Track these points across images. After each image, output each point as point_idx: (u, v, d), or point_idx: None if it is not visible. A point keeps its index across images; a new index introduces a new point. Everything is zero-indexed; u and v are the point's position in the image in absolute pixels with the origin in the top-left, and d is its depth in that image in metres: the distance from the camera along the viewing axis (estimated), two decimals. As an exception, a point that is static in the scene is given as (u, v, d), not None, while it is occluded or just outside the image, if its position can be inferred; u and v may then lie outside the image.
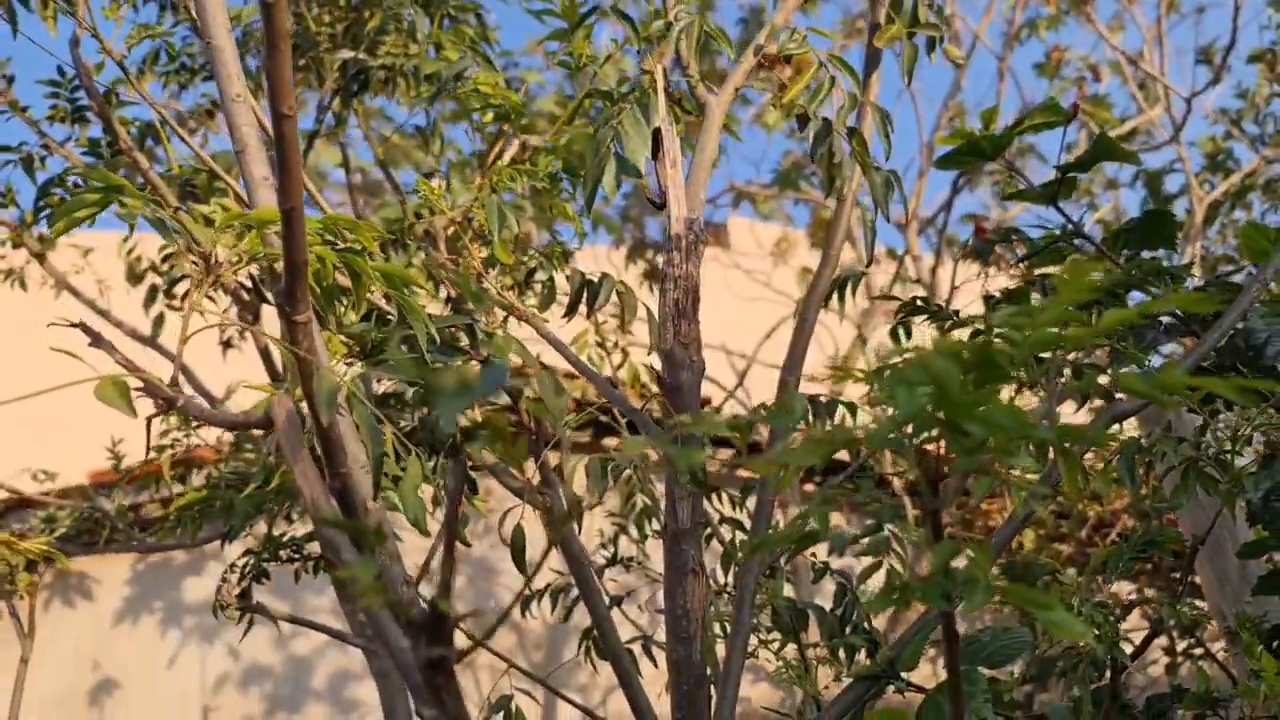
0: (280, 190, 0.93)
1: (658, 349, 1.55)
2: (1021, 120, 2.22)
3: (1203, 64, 7.19)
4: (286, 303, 1.00)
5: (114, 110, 2.21)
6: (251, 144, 1.47)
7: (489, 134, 2.03)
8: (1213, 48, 7.15)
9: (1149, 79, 6.63)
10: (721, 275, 8.37)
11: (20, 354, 10.31)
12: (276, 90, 0.87)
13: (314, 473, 0.92)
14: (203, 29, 1.48)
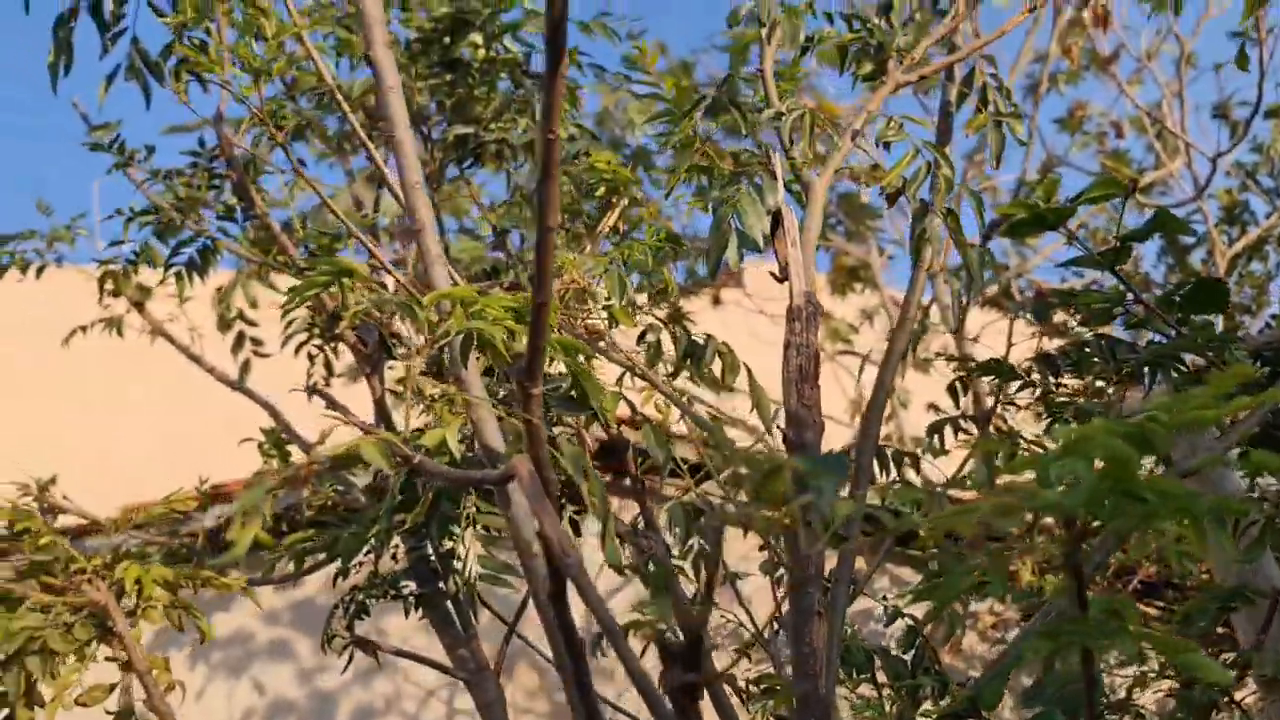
0: (535, 286, 1.10)
1: (784, 410, 1.72)
2: (1082, 193, 2.41)
3: (1219, 119, 7.43)
4: (525, 377, 1.17)
5: (251, 179, 2.40)
6: (428, 223, 1.65)
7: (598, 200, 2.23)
8: (1229, 103, 7.38)
9: (1168, 133, 6.84)
10: (743, 319, 8.55)
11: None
12: (546, 210, 1.05)
13: (560, 526, 1.09)
14: (385, 124, 1.66)
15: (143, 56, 2.58)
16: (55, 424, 10.69)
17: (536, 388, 1.19)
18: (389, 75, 1.67)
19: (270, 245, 2.54)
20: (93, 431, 10.71)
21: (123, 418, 10.82)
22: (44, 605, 1.30)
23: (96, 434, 10.69)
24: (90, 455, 10.62)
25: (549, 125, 1.01)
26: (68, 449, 10.67)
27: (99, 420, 10.78)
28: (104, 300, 3.35)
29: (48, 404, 10.71)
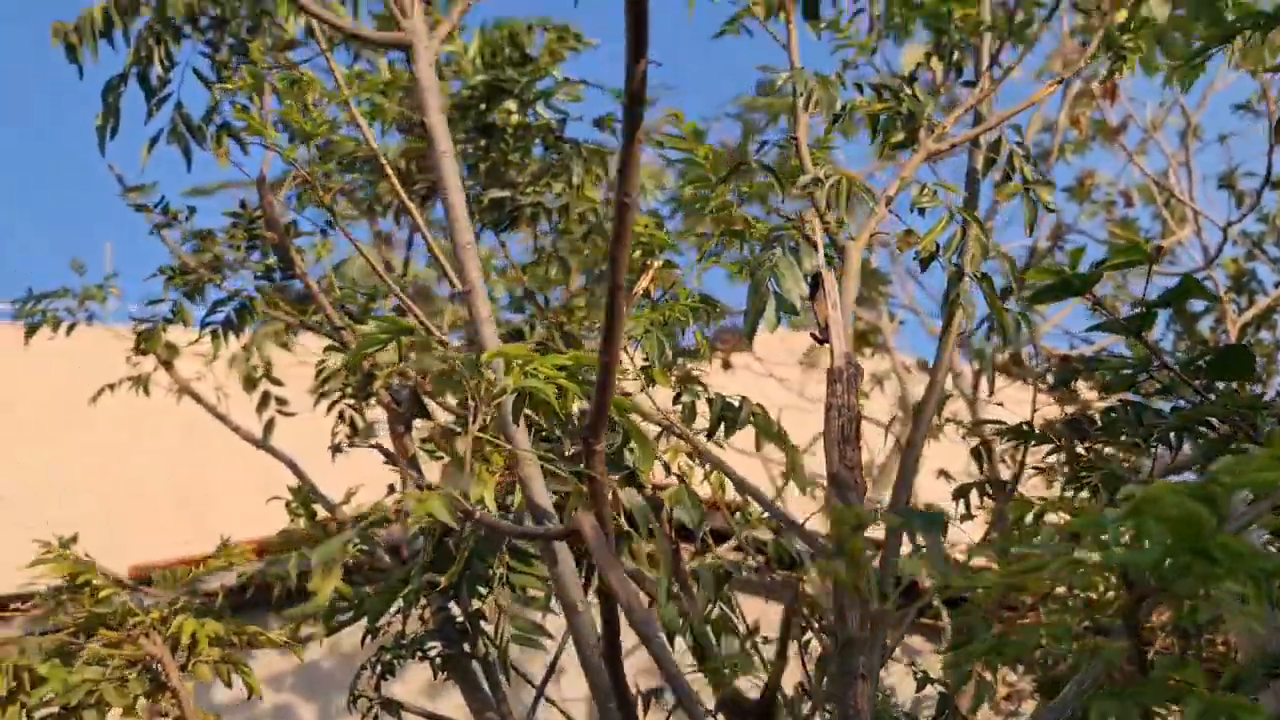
0: (604, 346, 1.13)
1: (826, 472, 1.74)
2: (1105, 259, 2.45)
3: (1225, 189, 7.51)
4: (590, 435, 1.19)
5: (291, 240, 2.45)
6: (478, 286, 1.69)
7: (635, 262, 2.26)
8: (1235, 174, 7.48)
9: (1177, 202, 6.92)
10: (753, 383, 8.56)
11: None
12: (617, 271, 1.08)
13: (629, 581, 1.10)
14: (440, 189, 1.70)
15: (185, 121, 2.65)
16: (64, 476, 10.66)
17: (600, 444, 1.20)
18: (442, 141, 1.72)
19: (307, 305, 2.57)
20: (100, 485, 10.68)
21: (130, 472, 10.79)
22: (100, 659, 1.31)
23: (104, 487, 10.66)
24: (96, 509, 10.57)
25: (625, 190, 1.04)
26: (77, 503, 10.63)
27: (106, 473, 10.75)
28: (132, 358, 3.38)
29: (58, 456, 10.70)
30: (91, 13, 2.48)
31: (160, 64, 2.53)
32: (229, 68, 2.66)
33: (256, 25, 2.58)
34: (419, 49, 1.71)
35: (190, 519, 10.41)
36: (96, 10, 2.48)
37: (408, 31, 1.70)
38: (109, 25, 2.48)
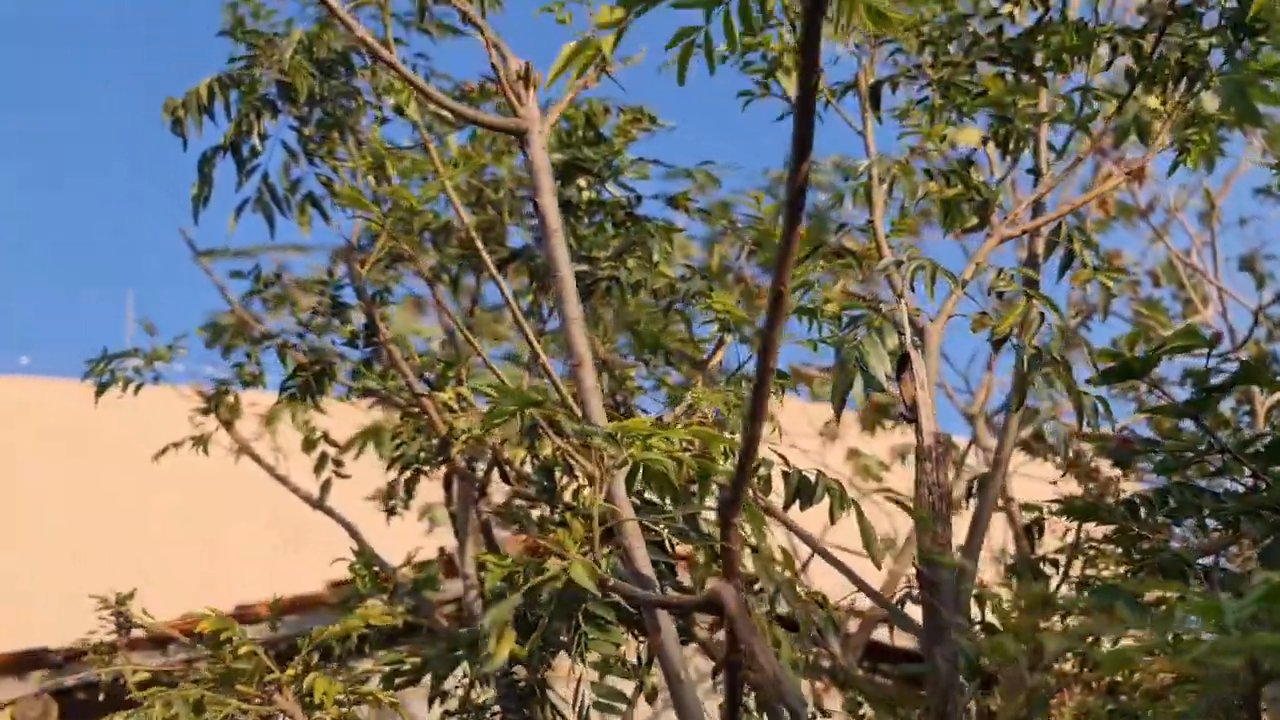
0: (749, 424, 1.19)
1: (917, 549, 1.78)
2: (1165, 343, 2.52)
3: (1246, 271, 7.60)
4: (728, 507, 1.25)
5: (377, 308, 2.53)
6: (586, 359, 1.75)
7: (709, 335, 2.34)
8: (1257, 256, 7.57)
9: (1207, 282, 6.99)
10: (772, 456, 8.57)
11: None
12: (769, 353, 1.15)
13: (771, 653, 1.14)
14: (549, 264, 1.78)
15: (271, 191, 2.75)
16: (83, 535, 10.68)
17: (735, 516, 1.26)
18: (553, 220, 1.80)
19: (388, 371, 2.65)
20: (121, 541, 10.70)
21: (151, 528, 10.82)
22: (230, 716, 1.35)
23: (124, 543, 10.67)
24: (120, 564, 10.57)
25: (780, 280, 1.11)
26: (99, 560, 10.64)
27: (127, 529, 10.78)
28: (196, 418, 3.45)
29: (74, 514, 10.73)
30: (198, 89, 2.60)
31: (259, 138, 2.65)
32: (315, 141, 2.77)
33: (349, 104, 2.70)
34: (533, 134, 1.80)
35: (201, 573, 10.39)
36: (203, 86, 2.60)
37: (524, 118, 1.80)
38: (212, 100, 2.60)
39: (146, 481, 11.18)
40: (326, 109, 2.68)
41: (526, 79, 1.84)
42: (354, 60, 2.74)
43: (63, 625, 8.63)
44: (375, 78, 2.74)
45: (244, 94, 2.61)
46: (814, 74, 1.04)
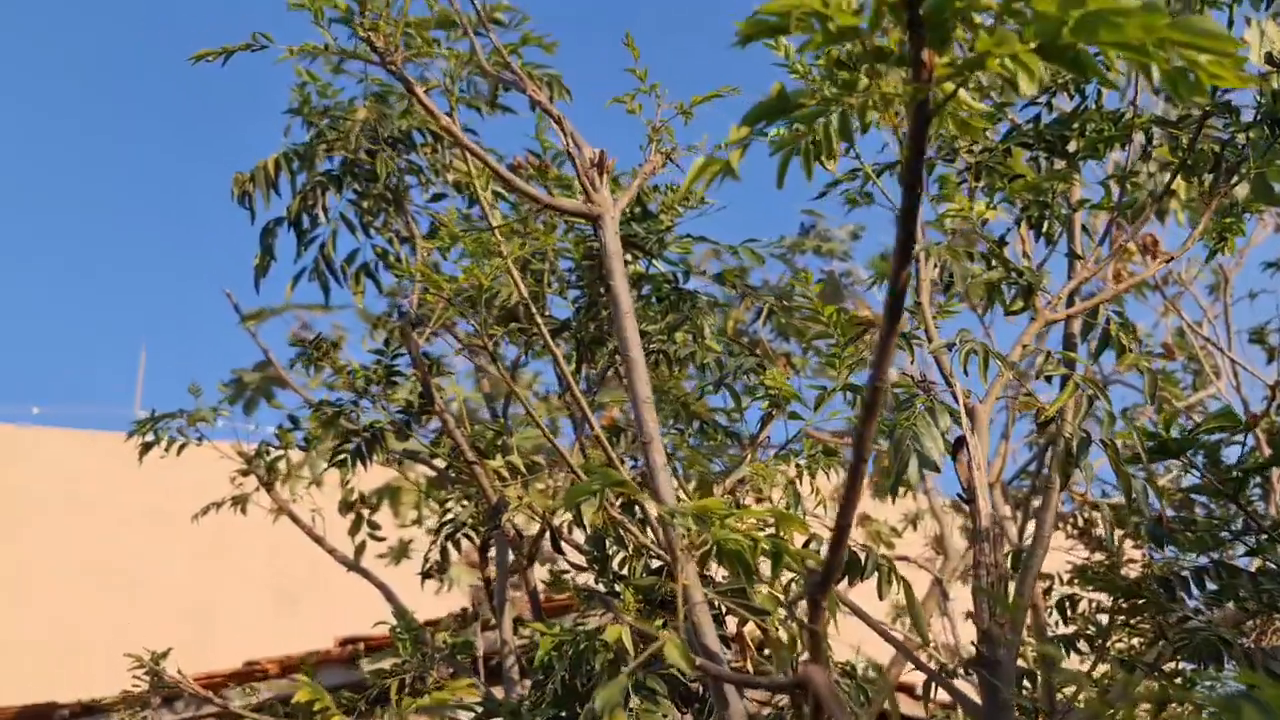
0: (844, 505, 1.24)
1: (976, 629, 1.82)
2: (1202, 423, 2.57)
3: (1256, 344, 7.67)
4: (819, 589, 1.29)
5: (432, 377, 2.59)
6: (655, 438, 1.80)
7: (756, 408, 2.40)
8: (1266, 329, 7.65)
9: (1223, 356, 7.05)
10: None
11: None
12: (864, 445, 1.20)
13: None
14: (619, 345, 1.84)
15: (328, 262, 2.83)
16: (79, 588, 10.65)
17: (823, 598, 1.30)
18: (624, 301, 1.87)
19: (439, 439, 2.70)
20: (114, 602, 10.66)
21: (146, 589, 10.79)
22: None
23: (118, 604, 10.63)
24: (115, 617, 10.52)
25: (879, 375, 1.17)
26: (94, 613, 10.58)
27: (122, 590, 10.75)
28: (237, 479, 3.49)
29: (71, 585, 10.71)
30: (265, 165, 2.69)
31: (324, 211, 2.73)
32: (372, 214, 2.86)
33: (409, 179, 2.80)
34: (606, 219, 1.88)
35: (198, 633, 10.33)
36: (270, 162, 2.69)
37: (598, 203, 1.87)
38: (278, 175, 2.69)
39: (144, 535, 11.16)
40: (385, 183, 2.76)
41: (600, 166, 1.92)
42: (414, 138, 2.84)
43: (66, 678, 8.57)
44: (434, 154, 2.84)
45: (307, 169, 2.70)
46: (918, 187, 1.11)
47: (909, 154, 1.10)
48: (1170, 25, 0.98)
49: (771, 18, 1.03)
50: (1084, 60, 1.05)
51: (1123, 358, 2.28)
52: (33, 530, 10.88)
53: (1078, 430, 2.05)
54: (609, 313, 2.86)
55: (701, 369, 2.58)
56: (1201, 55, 1.02)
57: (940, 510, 7.70)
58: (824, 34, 1.01)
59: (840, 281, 8.12)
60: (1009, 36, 0.99)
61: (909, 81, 1.07)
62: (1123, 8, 1.02)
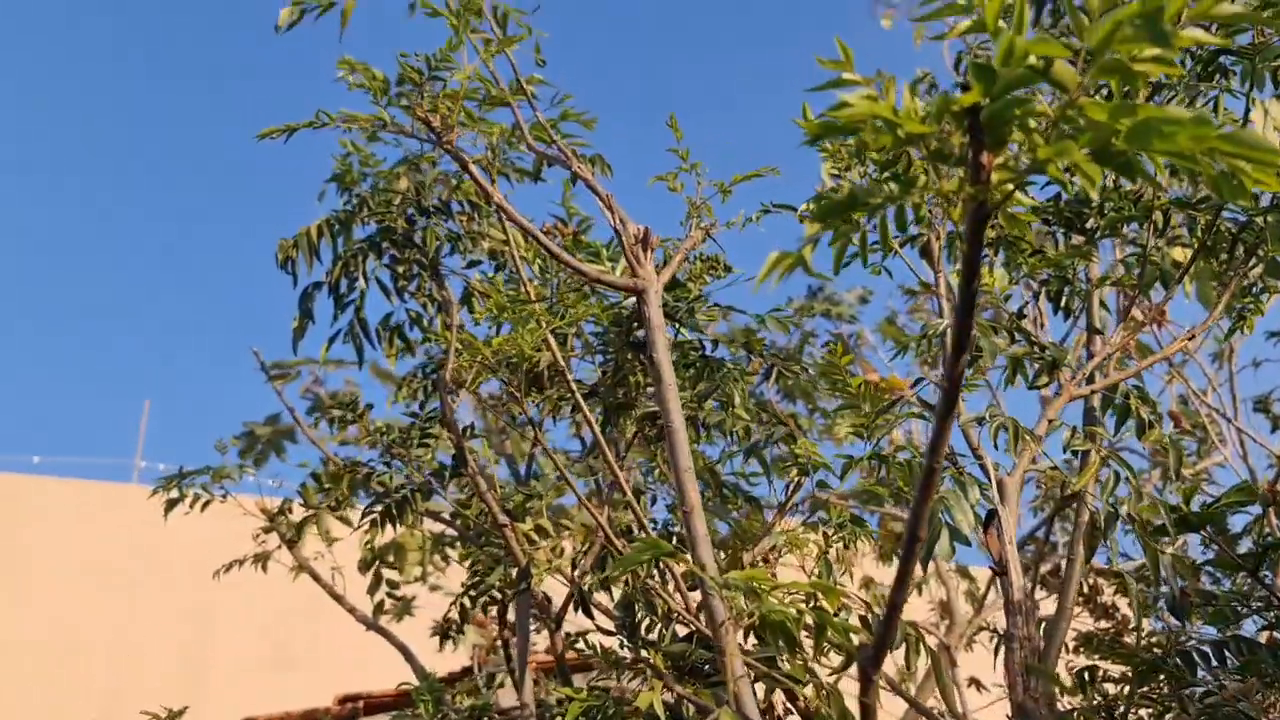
0: (896, 585, 1.28)
1: (1010, 702, 1.85)
2: (1221, 498, 2.61)
3: (1261, 413, 7.72)
4: (872, 665, 1.33)
5: (466, 440, 2.63)
6: (697, 506, 1.85)
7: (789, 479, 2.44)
8: (1270, 398, 7.70)
9: (1215, 422, 7.09)
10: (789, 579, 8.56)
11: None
12: (918, 522, 1.25)
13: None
14: (661, 416, 1.89)
15: (363, 325, 2.89)
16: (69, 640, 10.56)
17: (876, 673, 1.34)
18: (668, 374, 1.92)
19: (469, 501, 2.73)
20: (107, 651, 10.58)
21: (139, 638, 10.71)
22: None
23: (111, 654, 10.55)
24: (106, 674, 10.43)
25: (935, 458, 1.22)
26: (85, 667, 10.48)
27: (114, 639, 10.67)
28: (260, 536, 3.52)
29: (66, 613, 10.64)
30: (308, 232, 2.76)
31: (364, 277, 2.80)
32: (407, 279, 2.93)
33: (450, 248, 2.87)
34: (650, 294, 1.94)
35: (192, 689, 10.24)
36: (312, 229, 2.77)
37: (642, 279, 1.94)
38: (320, 241, 2.76)
39: (137, 590, 11.10)
40: (423, 250, 2.83)
41: (645, 243, 1.98)
42: (451, 206, 2.92)
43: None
44: (469, 222, 2.91)
45: (345, 235, 2.78)
46: (975, 281, 1.17)
47: (967, 250, 1.16)
48: (1220, 137, 1.05)
49: (842, 122, 1.10)
50: (1135, 165, 1.11)
51: (1146, 434, 2.33)
52: (29, 581, 10.83)
53: (1106, 505, 2.09)
54: (637, 380, 2.91)
55: (730, 436, 2.63)
56: (1246, 164, 1.09)
57: (945, 574, 7.69)
58: (894, 139, 1.08)
59: (848, 344, 8.17)
60: (1069, 146, 1.05)
61: (969, 182, 1.13)
62: (1173, 117, 1.09)
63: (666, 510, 3.55)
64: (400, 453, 2.77)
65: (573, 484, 2.21)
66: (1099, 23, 1.04)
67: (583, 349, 3.17)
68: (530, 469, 3.40)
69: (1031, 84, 1.08)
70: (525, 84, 2.35)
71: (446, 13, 1.93)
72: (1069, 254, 2.66)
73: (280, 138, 2.06)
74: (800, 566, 2.40)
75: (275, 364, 6.98)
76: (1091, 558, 2.28)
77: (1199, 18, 1.09)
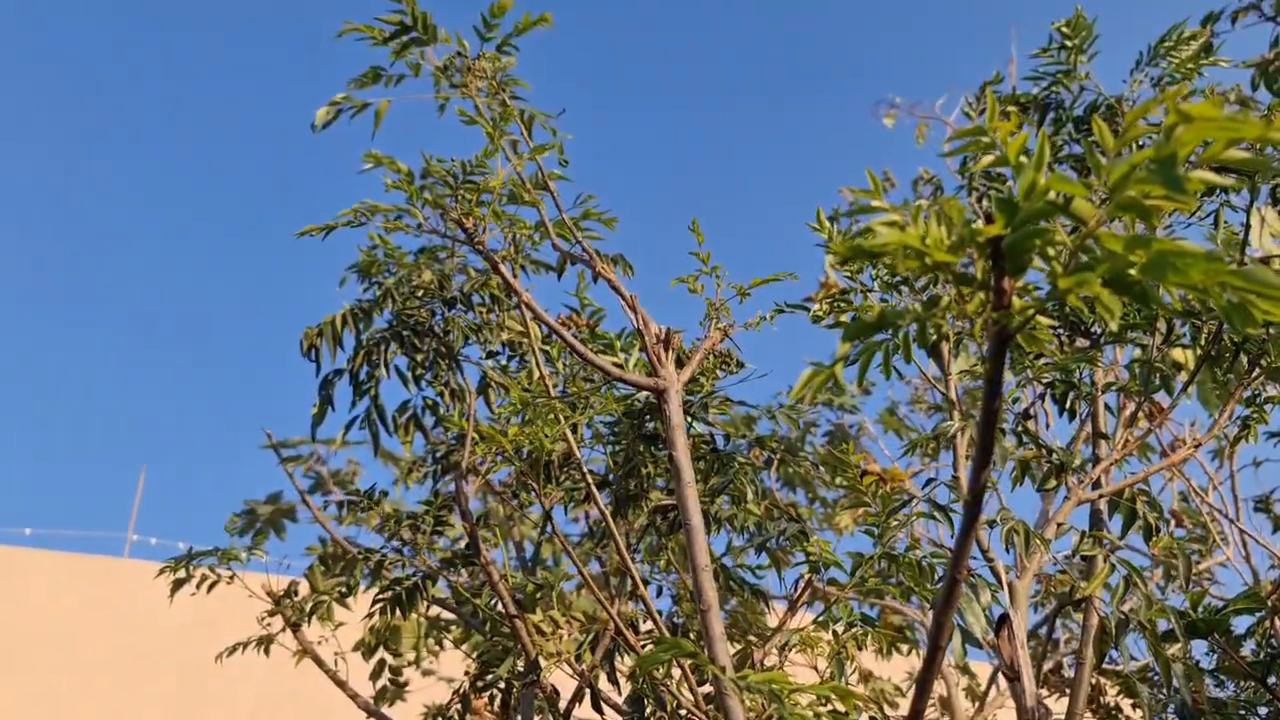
0: (918, 693, 1.30)
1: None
2: (1229, 604, 2.63)
3: (1262, 512, 7.73)
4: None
5: (481, 529, 2.66)
6: (714, 605, 1.87)
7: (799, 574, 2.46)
8: (1271, 498, 7.71)
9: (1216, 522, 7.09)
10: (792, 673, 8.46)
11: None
12: (940, 632, 1.27)
13: None
14: (681, 513, 1.92)
15: (380, 412, 2.93)
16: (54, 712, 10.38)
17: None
18: (686, 472, 1.96)
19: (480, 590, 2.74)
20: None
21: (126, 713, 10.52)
22: None
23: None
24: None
25: (957, 569, 1.25)
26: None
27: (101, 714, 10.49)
28: (265, 619, 3.51)
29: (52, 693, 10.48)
30: (333, 321, 2.83)
31: (385, 366, 2.86)
32: (425, 368, 2.98)
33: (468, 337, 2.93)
34: (670, 393, 1.99)
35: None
36: (337, 318, 2.83)
37: (664, 378, 1.99)
38: (344, 330, 2.82)
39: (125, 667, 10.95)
40: (444, 340, 2.89)
41: (666, 343, 2.04)
42: (472, 297, 2.99)
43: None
44: (487, 313, 2.98)
45: (366, 323, 2.84)
46: (996, 400, 1.22)
47: (989, 371, 1.21)
48: (1231, 272, 1.11)
49: (870, 248, 1.16)
50: (1151, 295, 1.17)
51: (1154, 540, 2.36)
52: (14, 655, 10.69)
53: (1117, 611, 2.11)
54: (648, 471, 2.95)
55: (741, 531, 2.66)
56: (1258, 298, 1.14)
57: (946, 670, 7.61)
58: (921, 266, 1.14)
59: (850, 434, 8.21)
60: (1088, 277, 1.11)
61: (991, 306, 1.19)
62: (1186, 251, 1.15)
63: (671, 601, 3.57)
64: (411, 539, 2.79)
65: (585, 575, 2.22)
66: (1115, 163, 1.10)
67: (593, 438, 3.21)
68: (536, 555, 3.41)
69: (1051, 216, 1.14)
70: (549, 179, 2.43)
71: (482, 121, 2.02)
72: (1074, 358, 2.72)
73: (319, 235, 2.14)
74: (812, 666, 2.40)
75: (282, 442, 7.01)
76: (1102, 663, 2.29)
77: (1209, 161, 1.15)
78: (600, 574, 3.51)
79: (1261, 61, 6.51)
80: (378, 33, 2.27)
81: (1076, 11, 3.41)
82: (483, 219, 2.03)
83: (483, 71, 2.14)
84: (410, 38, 2.22)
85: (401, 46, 2.23)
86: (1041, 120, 3.56)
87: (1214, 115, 1.03)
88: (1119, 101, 3.35)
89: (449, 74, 2.31)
